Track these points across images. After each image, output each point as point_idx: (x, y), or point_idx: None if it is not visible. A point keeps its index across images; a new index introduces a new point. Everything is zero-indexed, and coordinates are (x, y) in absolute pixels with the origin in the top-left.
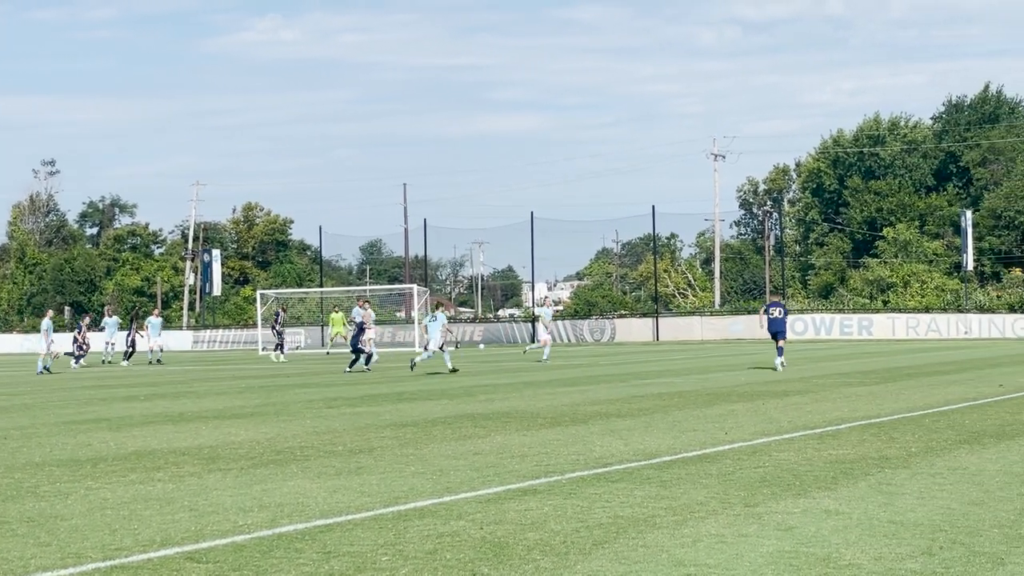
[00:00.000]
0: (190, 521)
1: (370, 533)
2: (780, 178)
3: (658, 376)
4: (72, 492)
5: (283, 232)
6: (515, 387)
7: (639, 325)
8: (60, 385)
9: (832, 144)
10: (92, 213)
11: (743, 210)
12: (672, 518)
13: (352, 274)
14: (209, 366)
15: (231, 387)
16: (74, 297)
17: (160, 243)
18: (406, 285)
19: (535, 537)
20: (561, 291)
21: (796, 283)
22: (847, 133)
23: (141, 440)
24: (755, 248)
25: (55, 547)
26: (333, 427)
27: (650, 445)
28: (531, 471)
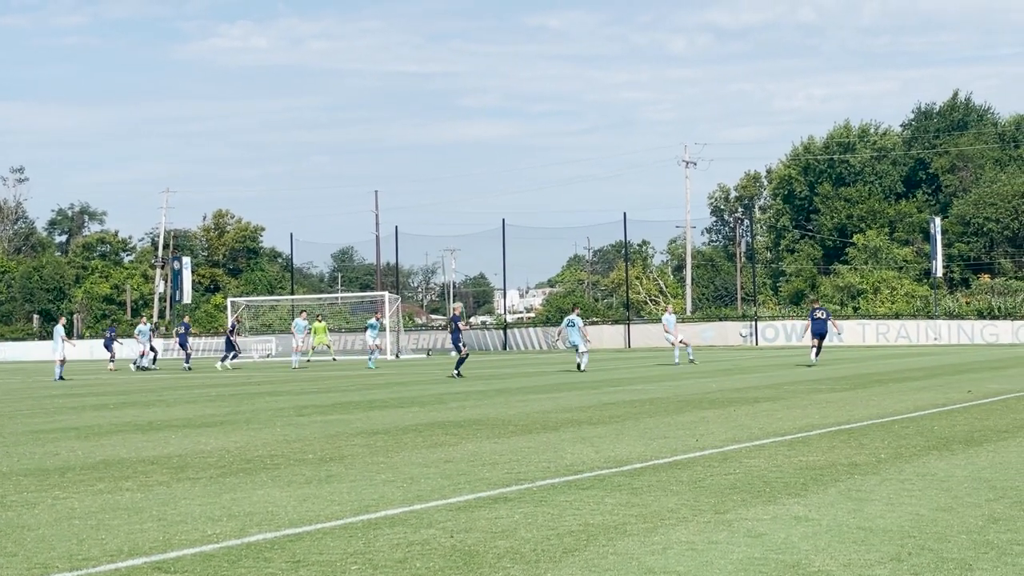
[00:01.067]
0: (158, 531)
1: (340, 542)
2: (751, 185)
3: (629, 383)
4: (39, 502)
5: (254, 239)
6: (487, 394)
7: (611, 332)
8: (30, 394)
9: (803, 151)
10: (61, 221)
11: (714, 217)
12: (643, 525)
13: (323, 281)
14: (179, 374)
15: (201, 395)
16: (43, 305)
17: (130, 251)
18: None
19: (505, 545)
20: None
21: (767, 289)
22: (818, 140)
23: (110, 449)
24: (726, 255)
25: (21, 557)
26: (303, 435)
27: (621, 452)
28: (502, 479)
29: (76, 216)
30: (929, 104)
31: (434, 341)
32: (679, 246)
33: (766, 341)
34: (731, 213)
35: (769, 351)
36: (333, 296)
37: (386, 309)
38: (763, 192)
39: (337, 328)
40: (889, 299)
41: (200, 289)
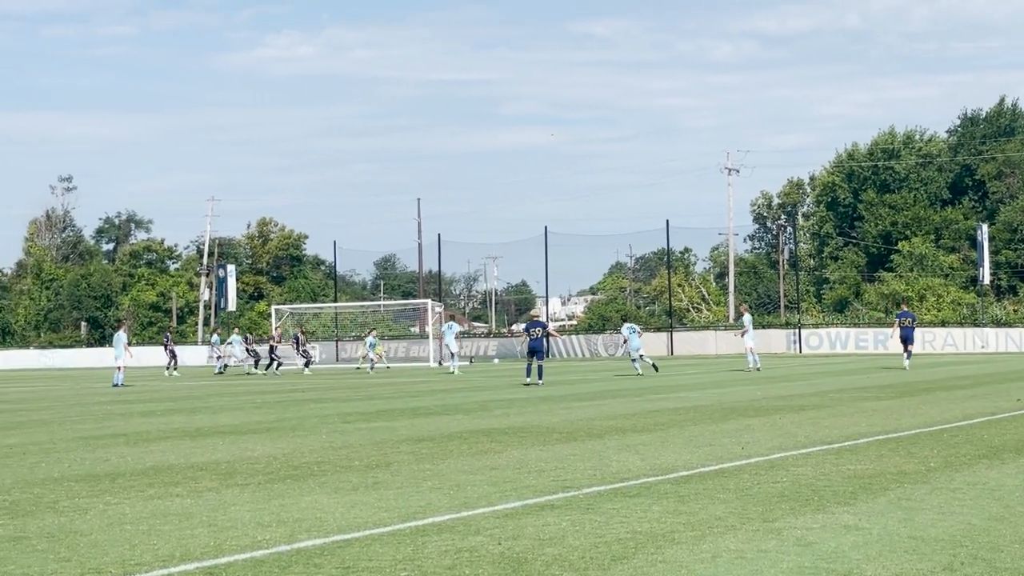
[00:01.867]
0: (209, 536)
1: (388, 548)
2: (794, 192)
3: (673, 390)
4: (91, 507)
5: (297, 247)
6: (531, 402)
7: (653, 339)
8: (79, 400)
9: (847, 158)
10: (108, 229)
11: (757, 224)
12: (691, 533)
13: (366, 289)
14: (224, 381)
15: (247, 402)
16: (90, 313)
17: (175, 258)
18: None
19: (553, 552)
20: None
21: (811, 297)
22: (862, 146)
23: (159, 455)
24: (769, 262)
25: (75, 562)
26: (349, 442)
27: (667, 460)
28: (548, 486)
29: (123, 224)
30: (976, 110)
31: (476, 348)
32: (722, 253)
33: (810, 349)
34: (774, 220)
35: (813, 359)
36: (376, 304)
37: (428, 317)
38: (806, 199)
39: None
40: (935, 307)
41: (244, 297)
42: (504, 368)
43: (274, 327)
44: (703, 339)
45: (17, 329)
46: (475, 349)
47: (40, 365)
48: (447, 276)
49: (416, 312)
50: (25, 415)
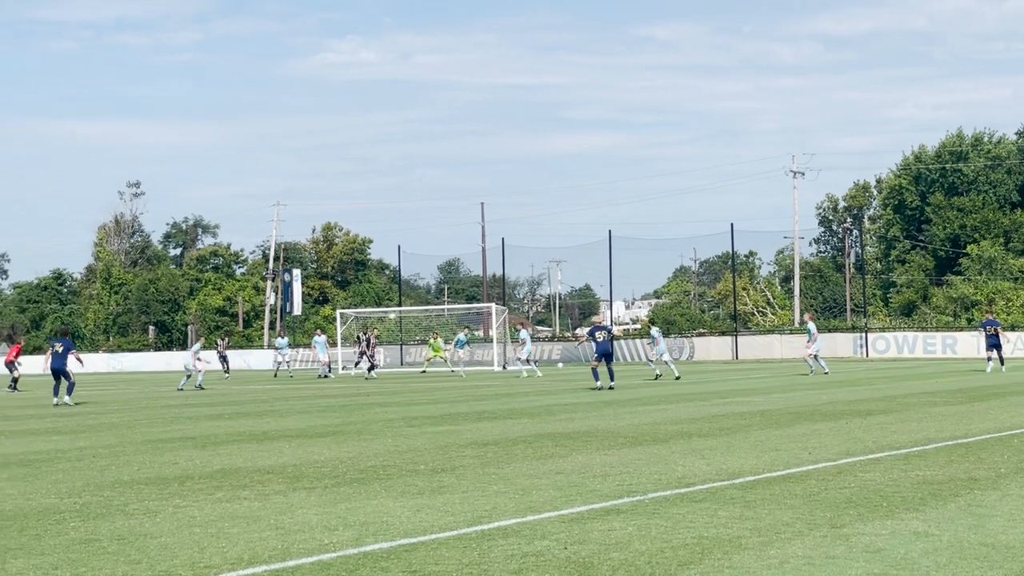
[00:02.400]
0: (277, 539)
1: (455, 552)
2: (860, 195)
3: (738, 395)
4: (160, 510)
5: (362, 251)
6: (594, 406)
7: (718, 343)
8: (147, 404)
9: (914, 160)
10: (175, 234)
11: (823, 227)
12: (758, 539)
13: (430, 293)
14: (290, 385)
15: (312, 406)
16: (158, 317)
17: (241, 263)
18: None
19: (620, 557)
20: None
21: (877, 301)
22: (929, 149)
23: (226, 458)
24: (835, 266)
25: (145, 565)
26: (414, 446)
27: (733, 465)
28: (613, 491)
29: (190, 229)
30: None
31: (540, 352)
32: (787, 257)
33: (877, 353)
34: (840, 223)
35: (880, 363)
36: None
37: (493, 320)
38: (872, 202)
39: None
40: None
41: (309, 301)
42: (568, 372)
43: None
44: (768, 343)
45: (87, 333)
46: (539, 353)
47: (108, 369)
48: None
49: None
50: (95, 418)
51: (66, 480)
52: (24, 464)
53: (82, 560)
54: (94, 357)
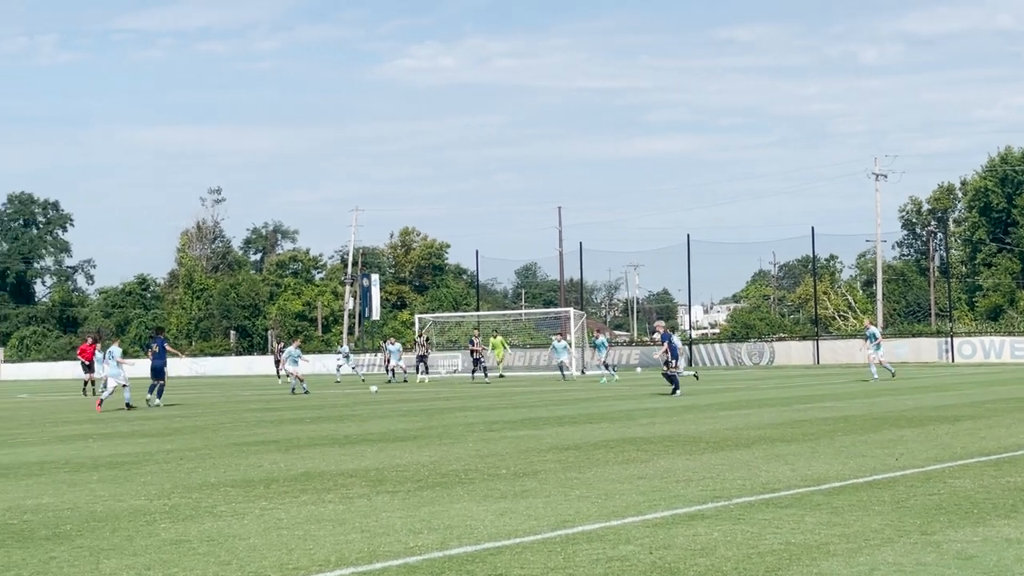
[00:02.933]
0: (363, 542)
1: (539, 556)
2: (945, 197)
3: (821, 400)
4: (247, 512)
5: (440, 256)
6: (675, 411)
7: (799, 348)
8: (228, 407)
9: (1000, 162)
10: (256, 239)
11: (906, 230)
12: (846, 546)
13: (507, 298)
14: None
15: (393, 411)
16: (239, 322)
17: (320, 268)
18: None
19: (706, 563)
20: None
21: (963, 305)
22: (1016, 150)
23: (310, 462)
24: (919, 269)
25: (235, 566)
26: (495, 450)
27: (818, 470)
28: (697, 496)
29: (270, 235)
30: None
31: (618, 357)
32: (869, 260)
33: (963, 358)
34: (924, 226)
35: (966, 368)
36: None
37: (571, 325)
38: (957, 204)
39: (522, 344)
40: None
41: (387, 306)
42: (647, 377)
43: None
44: (850, 348)
45: (169, 337)
46: (617, 358)
47: (191, 373)
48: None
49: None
50: (180, 422)
51: (155, 482)
52: (113, 466)
53: (173, 561)
54: (176, 362)
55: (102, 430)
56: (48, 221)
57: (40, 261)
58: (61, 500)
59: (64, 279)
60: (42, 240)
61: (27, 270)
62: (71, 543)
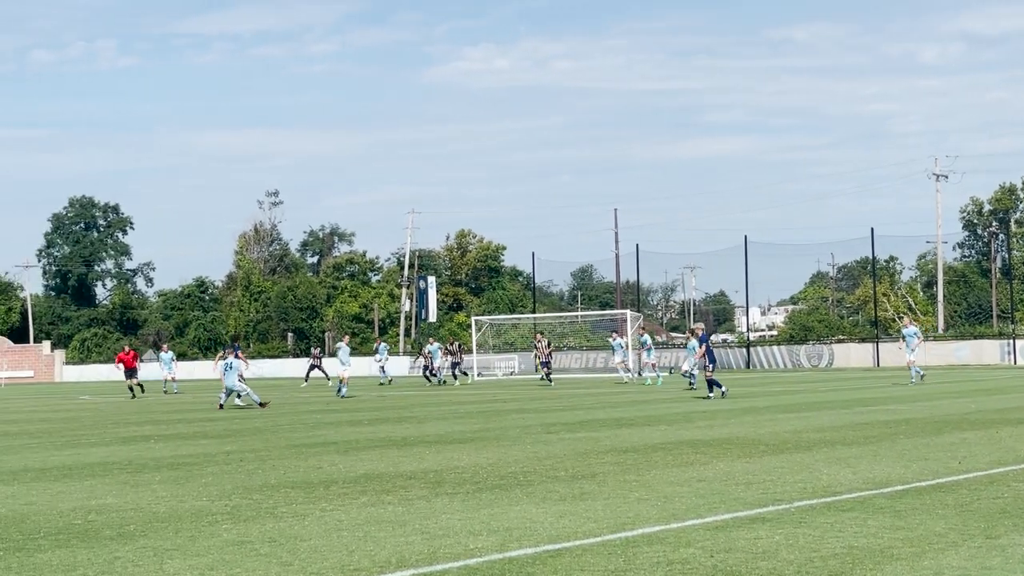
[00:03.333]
0: (423, 543)
1: (600, 559)
2: (1006, 197)
3: (882, 402)
4: (308, 513)
5: (496, 258)
6: (733, 413)
7: (858, 350)
8: (287, 409)
9: None
10: (313, 242)
11: (967, 231)
12: (909, 550)
13: (563, 300)
14: (427, 392)
15: (450, 412)
16: (296, 324)
17: (377, 270)
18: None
19: (768, 566)
20: (775, 315)
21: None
22: None
23: (369, 463)
24: (980, 271)
25: (297, 567)
26: (553, 452)
27: (880, 474)
28: (757, 499)
29: (327, 237)
30: None
31: (675, 359)
32: (929, 262)
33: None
34: (985, 227)
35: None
36: (573, 315)
37: (628, 327)
38: (1019, 205)
39: (578, 346)
40: None
41: (443, 308)
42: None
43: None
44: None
45: (227, 340)
46: (674, 360)
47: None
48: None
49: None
50: (240, 423)
51: (216, 483)
52: (175, 467)
53: (236, 561)
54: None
55: (163, 431)
56: (108, 224)
57: (101, 264)
58: (124, 500)
59: (124, 282)
60: (103, 243)
61: (88, 273)
62: (135, 543)
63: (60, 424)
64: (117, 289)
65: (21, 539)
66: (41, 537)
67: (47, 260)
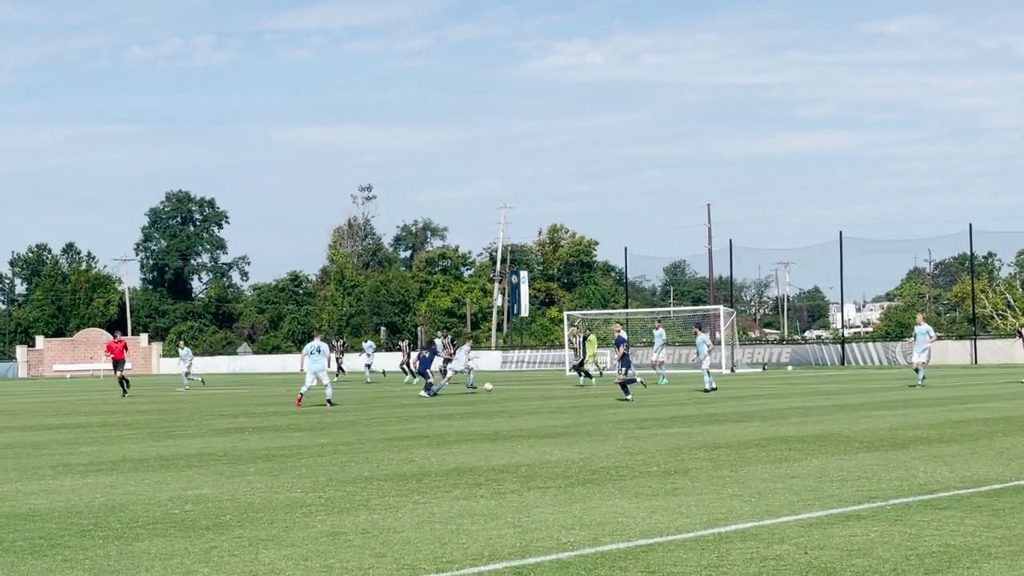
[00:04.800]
0: (515, 537)
1: (692, 554)
2: None
3: (980, 400)
4: (401, 505)
5: (588, 253)
6: (828, 410)
7: (956, 348)
8: (383, 403)
9: None
10: (405, 236)
11: None
12: (1008, 548)
13: (656, 295)
14: (519, 386)
15: (542, 407)
16: (389, 318)
17: (469, 265)
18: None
19: (863, 564)
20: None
21: None
22: None
23: (461, 457)
24: None
25: (390, 558)
26: (645, 447)
27: (978, 472)
28: (852, 496)
29: (419, 232)
30: None
31: (768, 355)
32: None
33: None
34: None
35: None
36: (665, 310)
37: (721, 323)
38: None
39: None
40: None
41: (536, 303)
42: (798, 376)
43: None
44: (1009, 348)
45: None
46: (767, 356)
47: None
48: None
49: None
50: (332, 416)
51: (309, 475)
52: (269, 459)
53: (330, 552)
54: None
55: (258, 424)
56: (204, 219)
57: (197, 258)
58: (220, 491)
59: (220, 275)
60: (199, 237)
61: (184, 266)
62: (231, 533)
63: (157, 416)
64: (213, 283)
65: (120, 528)
66: (139, 526)
67: (144, 254)
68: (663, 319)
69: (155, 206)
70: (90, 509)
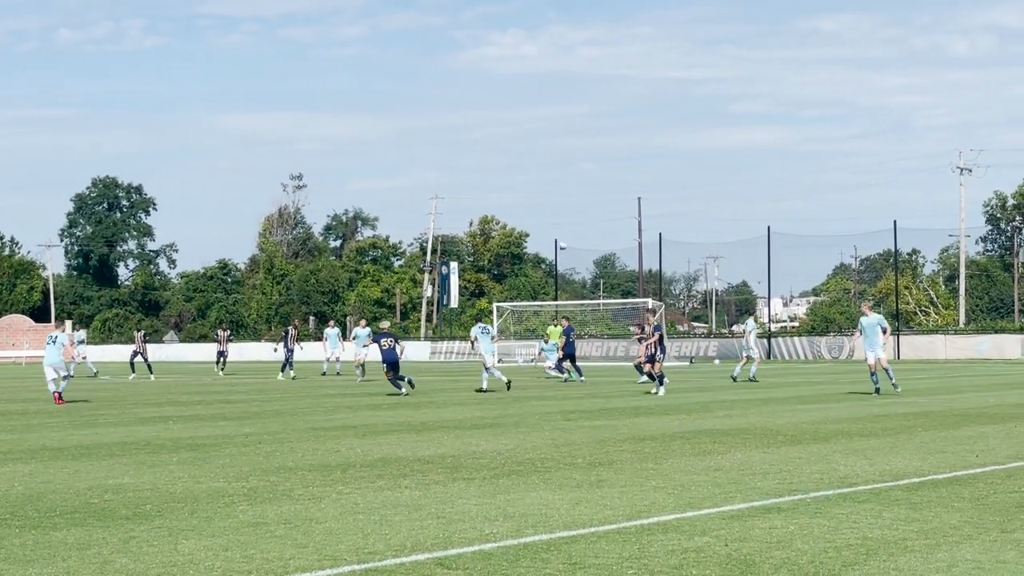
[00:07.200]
0: (438, 528)
1: (614, 546)
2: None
3: (901, 395)
4: (324, 496)
5: (519, 245)
6: (753, 403)
7: None
8: (306, 392)
9: None
10: (336, 226)
11: (990, 225)
12: (924, 542)
13: (586, 288)
14: (446, 377)
15: (469, 398)
16: (318, 308)
17: (399, 255)
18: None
19: (782, 556)
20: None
21: None
22: None
23: (386, 447)
24: (1003, 265)
25: (312, 548)
26: (571, 440)
27: (897, 466)
28: (774, 489)
29: (350, 222)
30: None
31: (696, 349)
32: (952, 256)
33: None
34: (1008, 221)
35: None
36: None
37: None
38: None
39: (600, 334)
40: None
41: (465, 294)
42: (726, 369)
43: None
44: (931, 343)
45: (249, 322)
46: (695, 350)
47: (271, 358)
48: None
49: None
50: (258, 406)
51: (233, 464)
52: (193, 448)
53: (251, 543)
54: (256, 346)
55: (182, 412)
56: (132, 205)
57: (123, 244)
58: (141, 480)
59: (147, 263)
60: (125, 224)
61: (110, 253)
62: (150, 523)
63: (79, 404)
64: (139, 270)
65: (37, 517)
66: (57, 515)
67: (69, 240)
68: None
69: (81, 192)
70: (7, 498)
